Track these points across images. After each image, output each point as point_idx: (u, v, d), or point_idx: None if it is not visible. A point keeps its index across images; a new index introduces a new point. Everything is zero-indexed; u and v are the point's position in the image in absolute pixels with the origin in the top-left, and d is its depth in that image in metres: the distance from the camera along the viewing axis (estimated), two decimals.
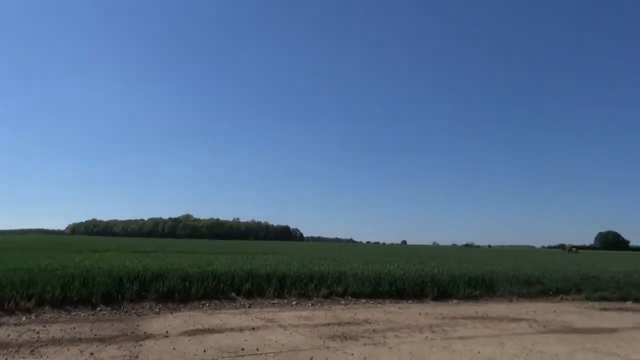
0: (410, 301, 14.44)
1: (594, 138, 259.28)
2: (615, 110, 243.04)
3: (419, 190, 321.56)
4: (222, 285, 13.12)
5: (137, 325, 8.94)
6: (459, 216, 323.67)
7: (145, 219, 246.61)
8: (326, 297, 14.01)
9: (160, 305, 11.38)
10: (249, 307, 12.02)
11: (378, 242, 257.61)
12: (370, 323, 10.16)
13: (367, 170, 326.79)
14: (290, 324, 9.67)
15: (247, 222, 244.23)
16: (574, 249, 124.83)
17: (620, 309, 14.39)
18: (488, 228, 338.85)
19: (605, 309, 14.23)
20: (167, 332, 8.46)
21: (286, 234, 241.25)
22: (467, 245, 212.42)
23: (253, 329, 9.01)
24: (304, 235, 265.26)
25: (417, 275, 16.41)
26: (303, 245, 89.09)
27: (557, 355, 7.70)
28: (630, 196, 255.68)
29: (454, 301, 14.87)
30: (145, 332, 8.34)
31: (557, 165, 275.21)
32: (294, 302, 12.97)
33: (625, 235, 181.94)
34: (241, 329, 8.90)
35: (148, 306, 11.24)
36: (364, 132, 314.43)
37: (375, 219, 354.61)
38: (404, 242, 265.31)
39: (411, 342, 8.32)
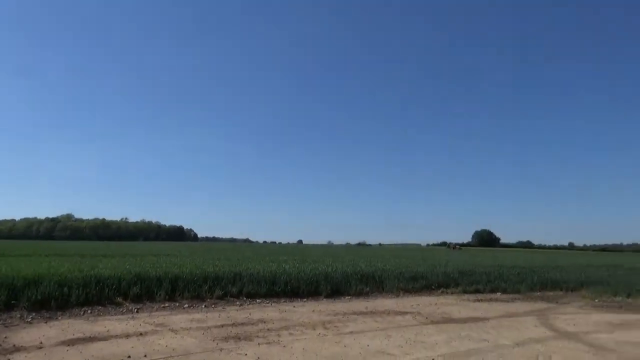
0: (305, 299, 14.73)
1: (468, 144, 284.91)
2: (486, 118, 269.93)
3: (314, 191, 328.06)
4: (107, 290, 12.28)
5: (5, 338, 8.02)
6: (352, 216, 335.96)
7: (17, 219, 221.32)
8: (221, 298, 13.76)
9: (34, 314, 10.34)
10: (137, 312, 11.39)
11: (274, 242, 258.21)
12: (265, 322, 10.18)
13: (262, 170, 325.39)
14: (182, 328, 9.34)
15: (137, 222, 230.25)
16: (457, 246, 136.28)
17: (491, 300, 15.99)
18: (379, 227, 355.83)
19: (478, 300, 15.72)
20: (41, 343, 7.70)
21: (179, 234, 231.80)
22: (359, 244, 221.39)
23: (141, 334, 8.55)
24: (199, 236, 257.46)
25: (311, 274, 16.76)
26: (197, 246, 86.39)
27: (436, 343, 8.37)
28: (500, 197, 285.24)
29: (347, 298, 15.45)
30: (14, 345, 7.51)
31: (437, 167, 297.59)
32: (187, 305, 12.55)
33: (497, 233, 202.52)
34: (127, 336, 8.40)
35: (19, 315, 10.16)
36: (259, 131, 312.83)
37: (272, 218, 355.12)
38: (300, 241, 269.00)
39: (305, 339, 8.49)
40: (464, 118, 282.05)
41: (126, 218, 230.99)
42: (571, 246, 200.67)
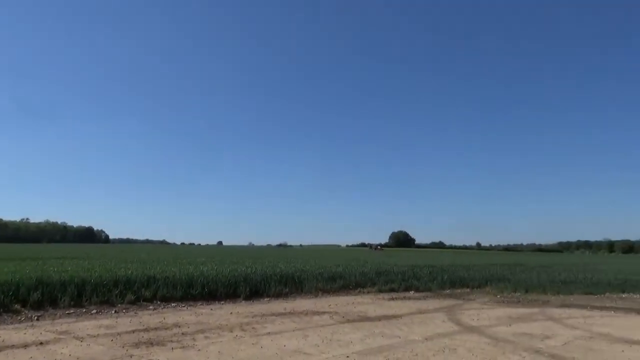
0: (223, 302, 14.46)
1: (385, 149, 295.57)
2: (402, 124, 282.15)
3: (234, 191, 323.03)
4: (3, 297, 11.24)
5: None
6: (273, 217, 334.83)
7: None
8: (133, 303, 13.12)
9: None
10: (38, 319, 10.55)
11: (193, 243, 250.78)
12: (180, 327, 9.85)
13: (179, 170, 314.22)
14: (88, 335, 8.78)
15: (40, 223, 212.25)
16: (378, 247, 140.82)
17: (404, 298, 16.69)
18: (300, 229, 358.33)
19: (393, 299, 16.34)
20: None
21: (89, 235, 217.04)
22: (280, 245, 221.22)
23: (41, 343, 7.92)
24: (110, 237, 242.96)
25: (230, 276, 16.50)
26: (109, 248, 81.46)
27: (351, 341, 8.58)
28: (415, 200, 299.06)
29: (266, 299, 15.38)
30: None
31: (355, 170, 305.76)
32: (95, 311, 11.83)
33: (412, 234, 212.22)
34: (26, 346, 7.74)
35: None
36: (178, 130, 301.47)
37: (190, 219, 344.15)
38: (220, 242, 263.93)
39: (221, 341, 8.34)
40: (383, 124, 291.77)
41: (27, 218, 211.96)
42: (478, 246, 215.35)
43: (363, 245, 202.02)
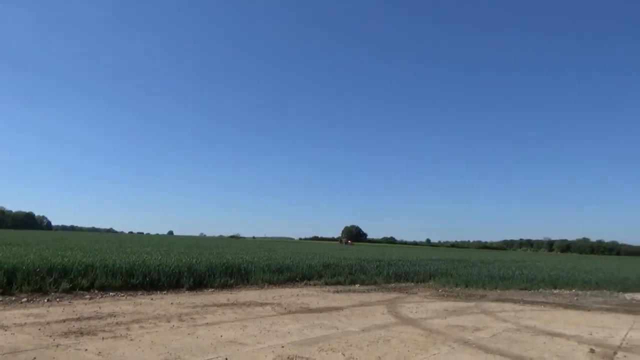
0: (165, 292, 14.19)
1: (336, 147, 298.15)
2: (357, 120, 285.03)
3: (187, 181, 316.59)
4: None
5: None
6: (226, 209, 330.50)
7: None
8: (68, 292, 12.66)
9: None
10: None
11: (142, 232, 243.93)
12: (115, 316, 9.59)
13: (129, 157, 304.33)
14: (14, 324, 8.39)
15: None
16: (349, 242, 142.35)
17: (349, 291, 16.95)
18: (253, 221, 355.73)
19: (338, 292, 16.55)
20: None
21: (29, 221, 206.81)
22: (233, 237, 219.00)
23: None
24: (53, 224, 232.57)
25: (174, 266, 16.18)
26: (50, 235, 77.82)
27: (289, 332, 8.64)
28: (368, 195, 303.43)
29: (210, 290, 15.21)
30: None
31: (309, 166, 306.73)
32: (25, 299, 11.32)
33: (364, 229, 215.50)
34: None
35: None
36: (124, 117, 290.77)
37: (140, 208, 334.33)
38: (171, 232, 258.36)
39: (156, 331, 8.18)
40: (337, 120, 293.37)
41: None
42: (428, 242, 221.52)
43: (316, 238, 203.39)
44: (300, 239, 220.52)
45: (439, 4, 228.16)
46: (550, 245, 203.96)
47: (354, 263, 25.29)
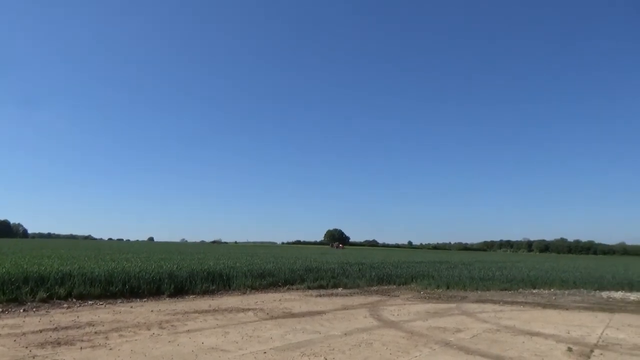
0: (145, 299, 14.00)
1: (316, 153, 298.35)
2: (338, 124, 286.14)
3: (167, 186, 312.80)
4: None
5: None
6: (207, 214, 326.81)
7: None
8: (45, 301, 12.39)
9: None
10: None
11: (122, 239, 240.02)
12: (93, 325, 9.42)
13: (108, 163, 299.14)
14: None
15: None
16: (340, 245, 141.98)
17: (332, 295, 16.95)
18: (234, 226, 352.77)
19: (320, 296, 16.54)
20: None
21: (4, 229, 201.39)
22: (214, 242, 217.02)
23: None
24: (30, 232, 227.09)
25: (154, 273, 15.97)
26: (26, 243, 76.05)
27: (271, 337, 8.61)
28: (349, 198, 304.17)
29: (191, 297, 15.05)
30: None
31: (290, 171, 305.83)
32: (0, 310, 11.03)
33: (347, 232, 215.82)
34: None
35: None
36: (101, 122, 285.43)
37: (119, 214, 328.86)
38: (151, 238, 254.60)
39: (136, 340, 8.07)
40: (318, 124, 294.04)
41: None
42: (410, 244, 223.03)
43: (298, 242, 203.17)
44: (283, 243, 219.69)
45: (436, 6, 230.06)
46: (529, 245, 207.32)
47: (336, 267, 25.30)
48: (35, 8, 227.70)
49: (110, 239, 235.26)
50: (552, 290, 20.59)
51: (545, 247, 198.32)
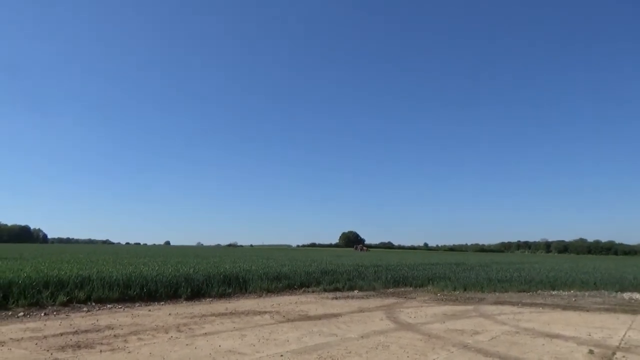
0: (163, 302, 14.13)
1: (330, 155, 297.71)
2: (351, 126, 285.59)
3: (183, 191, 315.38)
4: None
5: None
6: (223, 217, 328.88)
7: None
8: (65, 305, 12.59)
9: None
10: None
11: (139, 243, 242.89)
12: (113, 329, 9.54)
13: (125, 168, 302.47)
14: (11, 339, 8.33)
15: None
16: (365, 248, 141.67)
17: (348, 297, 16.92)
18: (251, 228, 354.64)
19: (336, 298, 16.52)
20: None
21: (25, 235, 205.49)
22: (230, 245, 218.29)
23: None
24: (49, 237, 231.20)
25: (171, 276, 16.12)
26: (46, 248, 77.43)
27: (287, 340, 8.62)
28: (365, 201, 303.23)
29: (208, 300, 15.16)
30: None
31: (305, 173, 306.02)
32: (22, 314, 11.24)
33: (362, 234, 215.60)
34: None
35: None
36: (118, 126, 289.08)
37: (136, 218, 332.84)
38: (168, 242, 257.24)
39: (154, 343, 8.14)
40: (332, 126, 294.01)
41: None
42: (426, 246, 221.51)
43: (314, 245, 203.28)
44: (298, 246, 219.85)
45: (436, 6, 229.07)
46: (547, 246, 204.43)
47: (352, 269, 25.24)
48: (35, 8, 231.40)
49: (127, 244, 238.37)
50: (571, 291, 20.25)
51: (564, 247, 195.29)
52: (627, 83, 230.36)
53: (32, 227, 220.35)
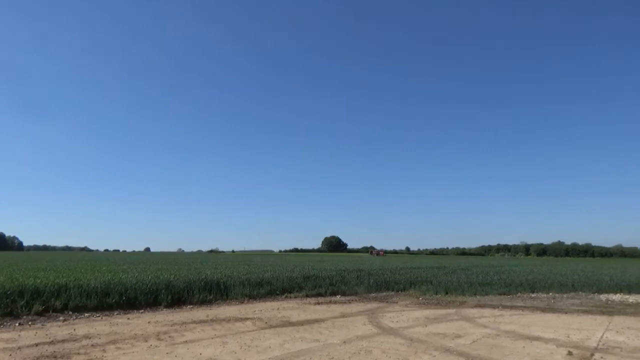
0: (142, 310, 13.89)
1: (313, 160, 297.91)
2: (333, 131, 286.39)
3: (162, 196, 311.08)
4: None
5: None
6: (204, 223, 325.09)
7: None
8: (41, 314, 12.27)
9: None
10: None
11: (118, 250, 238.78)
12: (90, 338, 9.33)
13: (102, 174, 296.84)
14: None
15: None
16: (381, 252, 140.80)
17: (330, 303, 16.87)
18: (232, 234, 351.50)
19: (318, 304, 16.45)
20: None
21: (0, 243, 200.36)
22: (212, 251, 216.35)
23: None
24: (25, 244, 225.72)
25: (151, 283, 15.86)
26: (22, 256, 75.53)
27: (270, 347, 8.54)
28: (346, 205, 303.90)
29: (189, 307, 14.95)
30: None
31: (287, 178, 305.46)
32: None
33: (344, 239, 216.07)
34: None
35: None
36: (103, 130, 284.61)
37: (115, 225, 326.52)
38: (148, 249, 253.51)
39: (133, 352, 7.98)
40: (314, 132, 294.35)
41: None
42: (408, 250, 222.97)
43: (296, 250, 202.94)
44: (280, 251, 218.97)
45: (436, 5, 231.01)
46: (527, 249, 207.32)
47: (334, 274, 25.22)
48: (31, 15, 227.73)
49: (106, 250, 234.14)
50: (550, 293, 20.57)
51: (542, 250, 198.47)
52: (608, 85, 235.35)
53: (6, 234, 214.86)
